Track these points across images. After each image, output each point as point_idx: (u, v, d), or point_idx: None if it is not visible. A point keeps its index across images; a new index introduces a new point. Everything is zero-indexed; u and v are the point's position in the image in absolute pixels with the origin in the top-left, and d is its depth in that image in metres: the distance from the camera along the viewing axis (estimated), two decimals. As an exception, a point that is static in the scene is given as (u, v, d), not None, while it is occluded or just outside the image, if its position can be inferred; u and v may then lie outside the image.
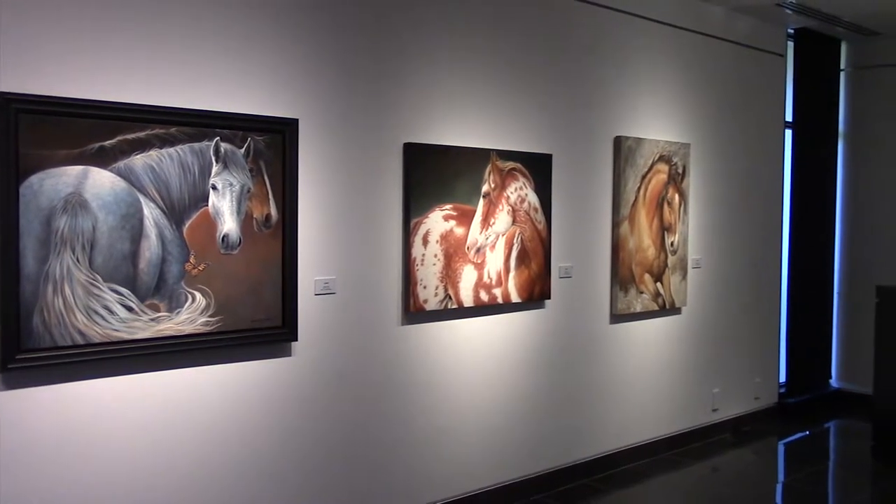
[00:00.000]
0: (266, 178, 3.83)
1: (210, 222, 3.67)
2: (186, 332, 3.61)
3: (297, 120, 3.93)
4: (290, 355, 4.02)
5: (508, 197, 4.90)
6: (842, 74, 7.81)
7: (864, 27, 7.19)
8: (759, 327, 7.02)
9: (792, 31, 7.22)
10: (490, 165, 4.79)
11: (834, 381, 7.90)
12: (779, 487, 5.93)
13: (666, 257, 5.99)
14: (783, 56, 7.14)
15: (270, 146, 3.84)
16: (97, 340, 3.36)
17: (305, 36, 4.02)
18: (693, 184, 6.24)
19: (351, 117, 4.20)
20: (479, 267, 4.77)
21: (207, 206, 3.65)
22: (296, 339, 3.99)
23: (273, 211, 3.86)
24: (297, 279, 3.97)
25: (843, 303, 7.87)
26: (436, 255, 4.53)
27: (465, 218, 4.68)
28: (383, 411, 4.42)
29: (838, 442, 7.12)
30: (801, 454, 6.67)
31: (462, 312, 4.75)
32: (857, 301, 7.61)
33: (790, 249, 7.37)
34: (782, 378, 7.41)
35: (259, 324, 3.85)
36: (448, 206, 4.58)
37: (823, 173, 7.64)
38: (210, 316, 3.68)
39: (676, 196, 6.04)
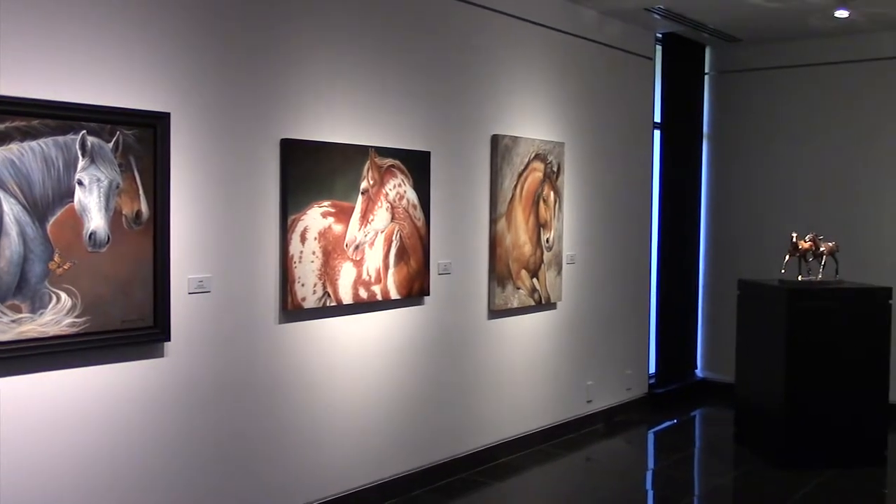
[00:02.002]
0: (136, 173, 3.71)
1: (76, 219, 3.52)
2: (52, 334, 3.46)
3: (168, 114, 3.82)
4: (162, 356, 3.90)
5: (387, 194, 4.91)
6: (706, 78, 8.17)
7: (726, 34, 7.54)
8: (630, 321, 7.28)
9: (660, 36, 7.50)
10: (369, 162, 4.78)
11: (699, 371, 8.26)
12: (649, 474, 6.17)
13: (542, 253, 6.13)
14: (652, 59, 7.41)
15: (141, 140, 3.72)
16: (-48, 344, 3.18)
17: (179, 28, 3.91)
18: (567, 182, 6.40)
19: (226, 112, 4.12)
20: (358, 264, 4.75)
21: (73, 202, 3.51)
22: (168, 340, 3.88)
23: (144, 207, 3.74)
24: (170, 277, 3.86)
25: (708, 296, 8.24)
26: (314, 253, 4.49)
27: (343, 215, 4.65)
28: (260, 411, 4.35)
29: (703, 429, 7.47)
30: (669, 442, 6.96)
31: (341, 310, 4.72)
32: (721, 294, 7.97)
33: (659, 245, 7.66)
34: (652, 369, 7.69)
35: (130, 324, 3.72)
36: (326, 203, 4.55)
37: (689, 172, 7.98)
38: (77, 316, 3.53)
39: (552, 194, 6.19)
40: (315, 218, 4.49)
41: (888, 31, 7.21)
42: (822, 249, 6.11)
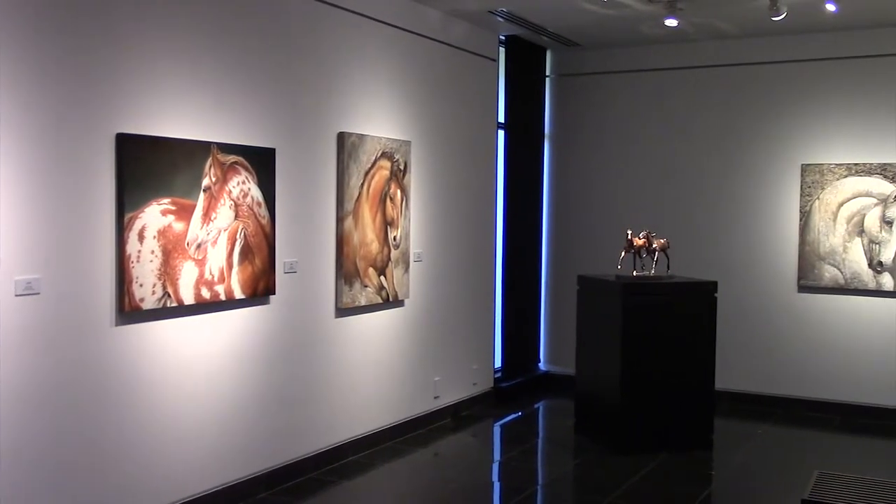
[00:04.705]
0: (-45, 168, 3.47)
1: None
2: None
3: (-9, 105, 3.60)
4: (-14, 362, 3.67)
5: (231, 191, 4.80)
6: (547, 80, 8.43)
7: (566, 38, 7.81)
8: (476, 317, 7.42)
9: (503, 38, 7.68)
10: (211, 158, 4.66)
11: (542, 365, 8.52)
12: (495, 466, 6.32)
13: (389, 251, 6.16)
14: (496, 61, 7.58)
15: (-40, 133, 3.48)
16: None
17: (6, 14, 3.68)
18: (414, 180, 6.46)
19: (56, 105, 3.91)
20: (201, 263, 4.63)
21: None
22: (-7, 345, 3.65)
23: (-36, 204, 3.51)
24: (-5, 279, 3.64)
25: (550, 291, 8.51)
26: (153, 252, 4.34)
27: (184, 212, 4.52)
28: (96, 417, 4.17)
29: (546, 420, 7.72)
30: (514, 434, 7.15)
31: (183, 310, 4.58)
32: (562, 289, 8.26)
33: (504, 242, 7.85)
34: (497, 364, 7.88)
35: (-52, 329, 3.48)
36: (166, 201, 4.40)
37: (532, 171, 8.21)
38: None
39: (398, 192, 6.23)
40: (154, 216, 4.34)
41: (713, 40, 7.67)
42: (654, 246, 6.42)
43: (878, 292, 7.17)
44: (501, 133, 7.80)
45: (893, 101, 7.14)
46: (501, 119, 7.77)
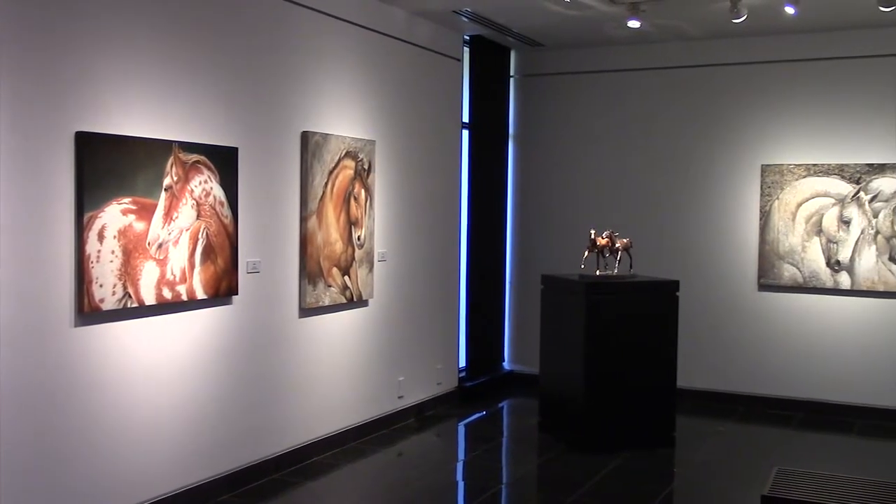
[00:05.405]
0: None
1: None
2: None
3: (-54, 102, 3.53)
4: (-59, 365, 3.60)
5: (192, 191, 4.75)
6: (511, 80, 8.45)
7: (530, 38, 7.84)
8: (441, 316, 7.42)
9: (468, 38, 7.68)
10: (172, 157, 4.61)
11: (507, 364, 8.55)
12: (459, 465, 6.32)
13: (353, 251, 6.14)
14: (460, 61, 7.58)
15: (-87, 131, 3.41)
16: None
17: (-44, 9, 3.62)
18: (378, 180, 6.45)
19: (12, 102, 3.84)
20: (162, 263, 4.58)
21: None
22: (-52, 347, 3.58)
23: (-83, 204, 3.43)
24: (-51, 280, 3.57)
25: (514, 291, 8.54)
26: (113, 252, 4.28)
27: (145, 212, 4.46)
28: (55, 420, 4.10)
29: (511, 419, 7.74)
30: (478, 433, 7.16)
31: (144, 311, 4.53)
32: (526, 289, 8.29)
33: (468, 242, 7.86)
34: (462, 363, 7.88)
35: None
36: (127, 200, 4.35)
37: (496, 171, 8.23)
38: None
39: (363, 191, 6.21)
40: (114, 215, 4.28)
41: (676, 41, 7.75)
42: (617, 245, 6.47)
43: (836, 291, 7.29)
44: (466, 133, 7.80)
45: (851, 102, 7.26)
46: (466, 119, 7.77)
